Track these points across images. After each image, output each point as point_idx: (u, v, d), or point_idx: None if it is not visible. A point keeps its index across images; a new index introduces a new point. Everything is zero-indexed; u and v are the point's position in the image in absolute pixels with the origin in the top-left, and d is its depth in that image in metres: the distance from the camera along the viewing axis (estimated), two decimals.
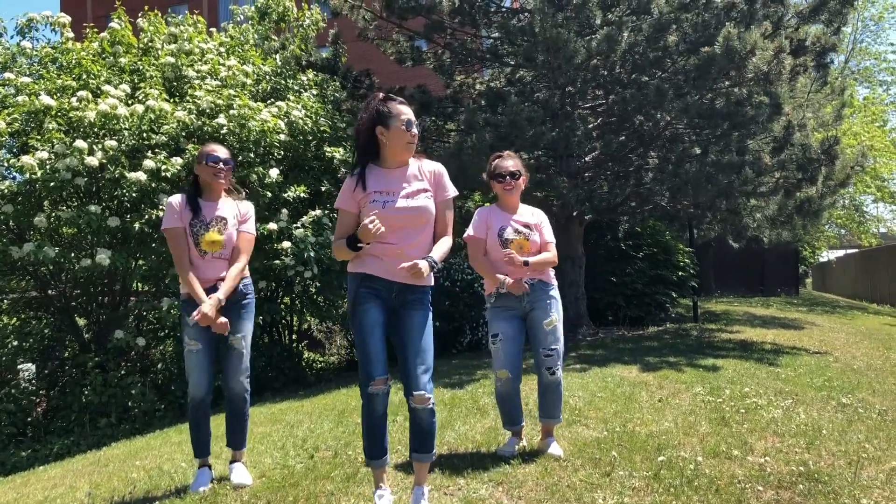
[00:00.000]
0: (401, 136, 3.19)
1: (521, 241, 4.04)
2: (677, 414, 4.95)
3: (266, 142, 8.33)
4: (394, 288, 3.19)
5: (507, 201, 4.16)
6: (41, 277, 8.50)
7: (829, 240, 29.69)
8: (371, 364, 3.14)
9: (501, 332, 4.05)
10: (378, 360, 3.15)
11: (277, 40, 10.92)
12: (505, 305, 4.07)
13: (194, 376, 3.81)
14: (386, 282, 3.18)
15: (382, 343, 3.19)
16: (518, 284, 3.96)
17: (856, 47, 28.89)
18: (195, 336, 3.80)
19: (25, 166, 7.06)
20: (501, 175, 4.11)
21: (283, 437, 5.06)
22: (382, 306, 3.20)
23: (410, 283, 3.19)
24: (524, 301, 4.06)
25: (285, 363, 9.51)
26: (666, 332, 10.32)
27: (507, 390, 4.09)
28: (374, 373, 3.13)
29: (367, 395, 3.16)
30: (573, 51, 8.34)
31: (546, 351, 4.05)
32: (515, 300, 4.05)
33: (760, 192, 9.72)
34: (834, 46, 9.57)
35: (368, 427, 3.23)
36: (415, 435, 3.23)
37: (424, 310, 3.25)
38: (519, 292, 3.97)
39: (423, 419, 3.18)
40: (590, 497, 3.35)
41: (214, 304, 3.69)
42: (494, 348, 4.07)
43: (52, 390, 8.34)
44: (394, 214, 3.13)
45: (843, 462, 3.82)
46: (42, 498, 4.30)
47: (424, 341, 3.19)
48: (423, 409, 3.15)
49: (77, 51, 8.89)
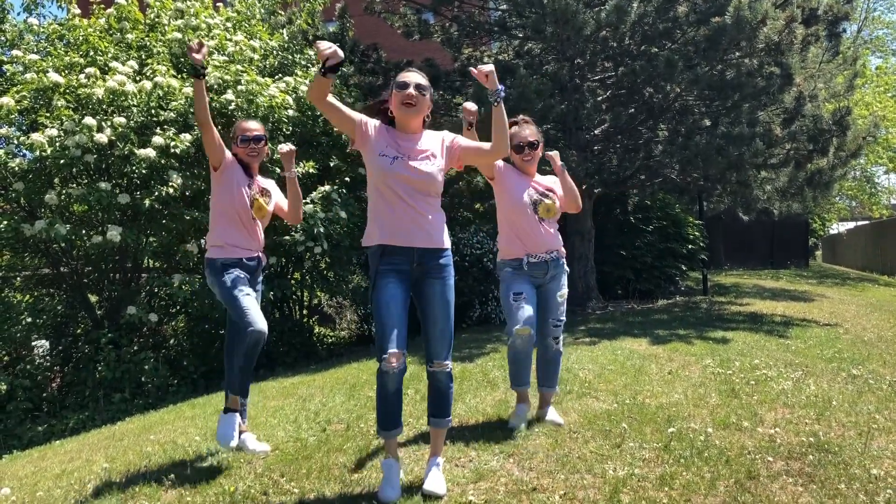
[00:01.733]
0: (395, 97, 3.22)
1: (549, 204, 4.06)
2: (687, 386, 4.97)
3: (274, 117, 8.31)
4: (413, 256, 3.19)
5: (526, 171, 4.14)
6: (53, 255, 8.55)
7: (839, 211, 29.57)
8: (385, 339, 3.14)
9: (525, 290, 4.00)
10: (392, 335, 3.13)
11: (284, 15, 10.84)
12: (531, 273, 4.06)
13: (254, 314, 3.77)
14: (404, 250, 3.18)
15: (399, 318, 3.17)
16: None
17: (868, 16, 28.53)
18: (246, 285, 3.89)
19: (35, 144, 7.08)
20: (520, 146, 4.07)
21: (296, 411, 5.11)
22: (402, 281, 3.21)
23: (430, 248, 3.21)
24: (548, 273, 4.09)
25: (296, 338, 9.56)
26: (675, 305, 10.33)
27: (524, 347, 4.03)
28: (387, 346, 3.12)
29: (380, 371, 3.17)
30: (582, 22, 8.27)
31: (555, 321, 4.11)
32: (541, 270, 4.07)
33: (771, 164, 9.67)
34: (846, 15, 9.47)
35: (382, 401, 3.26)
36: (432, 399, 3.32)
37: (447, 277, 3.28)
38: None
39: (442, 381, 3.28)
40: (600, 468, 3.38)
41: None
42: (516, 305, 3.97)
43: (66, 366, 8.42)
44: (402, 173, 3.14)
45: (854, 433, 3.83)
46: (60, 471, 4.36)
47: (448, 312, 3.27)
48: (441, 371, 3.26)
49: (84, 27, 8.86)
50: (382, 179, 3.16)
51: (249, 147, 4.05)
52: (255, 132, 4.08)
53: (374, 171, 3.18)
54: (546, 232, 4.07)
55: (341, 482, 3.42)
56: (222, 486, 3.47)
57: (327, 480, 3.46)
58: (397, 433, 3.31)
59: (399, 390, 3.26)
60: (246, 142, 4.04)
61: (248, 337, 3.74)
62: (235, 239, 3.98)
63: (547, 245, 4.06)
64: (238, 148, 4.06)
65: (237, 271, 3.91)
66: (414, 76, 3.23)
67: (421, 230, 3.18)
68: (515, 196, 4.04)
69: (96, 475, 4.02)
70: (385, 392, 3.22)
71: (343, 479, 3.46)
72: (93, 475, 4.04)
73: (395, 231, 3.17)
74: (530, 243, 4.05)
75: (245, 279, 3.93)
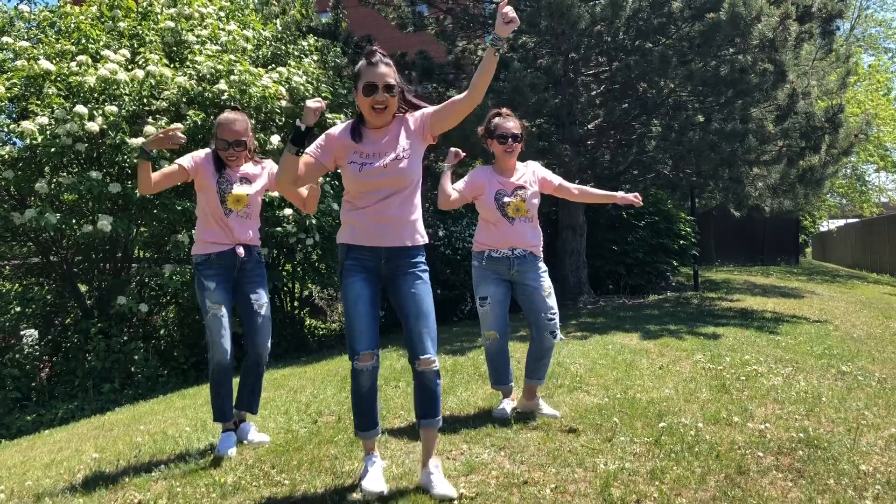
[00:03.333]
0: (363, 102, 3.09)
1: (517, 203, 4.11)
2: (678, 381, 4.99)
3: (267, 108, 8.27)
4: (381, 255, 3.13)
5: (506, 163, 4.17)
6: (43, 244, 8.50)
7: (830, 209, 29.67)
8: (354, 339, 3.10)
9: (490, 295, 4.14)
10: (361, 335, 3.10)
11: (278, 5, 10.79)
12: (493, 269, 4.15)
13: (221, 341, 3.80)
14: (370, 249, 3.12)
15: (369, 317, 3.13)
16: None
17: (862, 14, 28.59)
18: (219, 300, 3.84)
19: (26, 132, 7.02)
20: (504, 136, 4.09)
21: (287, 403, 5.10)
22: (370, 278, 3.15)
23: (398, 246, 3.13)
24: (512, 269, 4.13)
25: (287, 330, 9.55)
26: (666, 300, 10.35)
27: (496, 349, 4.21)
28: (358, 347, 3.09)
29: (353, 370, 3.14)
30: (577, 16, 8.26)
31: (548, 315, 4.11)
32: (503, 266, 4.13)
33: (763, 161, 9.69)
34: (840, 13, 9.49)
35: (356, 401, 3.21)
36: (420, 399, 3.17)
37: (420, 273, 3.17)
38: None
39: (429, 380, 3.12)
40: (591, 462, 3.39)
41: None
42: (483, 311, 4.16)
43: (55, 356, 8.38)
44: (369, 179, 3.07)
45: (843, 429, 3.85)
46: (49, 461, 4.34)
47: (424, 306, 3.13)
48: (428, 370, 3.10)
49: (76, 15, 8.78)
50: (353, 185, 3.12)
51: (228, 153, 3.91)
52: (235, 136, 3.88)
53: (346, 177, 3.14)
54: (514, 230, 4.11)
55: (332, 474, 3.42)
56: (213, 476, 3.46)
57: (318, 472, 3.46)
58: (375, 434, 3.26)
59: (373, 389, 3.20)
60: (226, 147, 3.89)
61: (209, 364, 3.83)
62: (209, 235, 3.93)
63: (512, 242, 4.11)
64: (217, 149, 3.93)
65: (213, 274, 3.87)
66: (381, 73, 3.03)
67: (390, 230, 3.11)
68: (487, 198, 4.13)
69: (86, 465, 4.00)
70: (359, 391, 3.17)
71: (334, 471, 3.45)
72: (82, 465, 4.02)
73: (362, 232, 3.12)
74: (495, 239, 4.14)
75: (222, 278, 3.88)
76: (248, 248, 4.00)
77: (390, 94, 3.05)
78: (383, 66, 3.04)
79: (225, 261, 3.92)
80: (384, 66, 3.04)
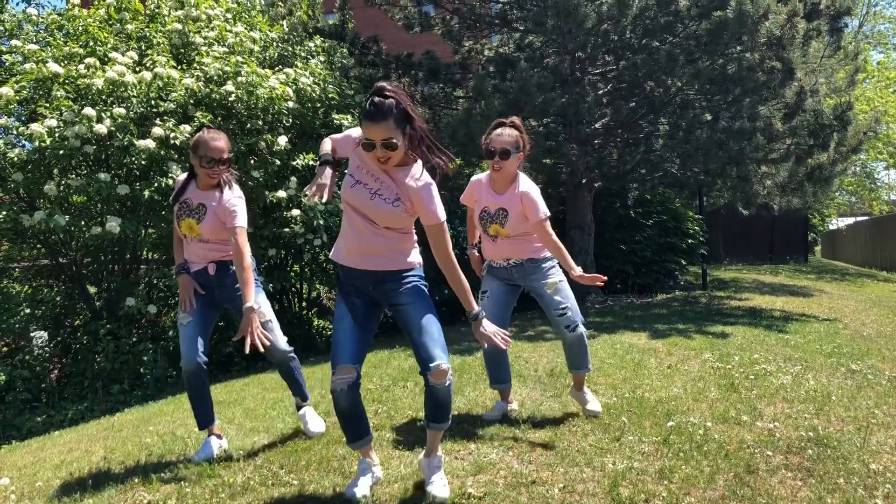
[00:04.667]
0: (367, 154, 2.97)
1: (496, 227, 4.04)
2: (686, 380, 4.98)
3: (274, 109, 8.28)
4: (367, 279, 3.09)
5: (495, 179, 4.07)
6: (52, 245, 8.53)
7: (839, 207, 29.55)
8: (336, 352, 3.08)
9: (490, 290, 4.19)
10: (342, 349, 3.06)
11: (284, 6, 10.81)
12: (495, 275, 4.23)
13: (183, 348, 3.82)
14: (357, 272, 3.09)
15: (352, 331, 3.09)
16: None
17: (870, 11, 28.46)
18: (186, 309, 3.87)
19: (35, 134, 7.05)
20: (490, 152, 3.97)
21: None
22: (360, 295, 3.14)
23: (381, 271, 3.06)
24: (513, 276, 4.16)
25: (295, 330, 9.55)
26: (675, 299, 10.33)
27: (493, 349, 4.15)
28: (339, 360, 3.06)
29: (332, 390, 3.08)
30: (583, 15, 8.24)
31: (558, 311, 4.06)
32: (504, 274, 4.17)
33: (771, 159, 9.66)
34: (848, 10, 9.43)
35: (340, 419, 3.16)
36: (433, 407, 3.07)
37: (414, 293, 3.08)
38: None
39: (440, 394, 3.02)
40: (600, 461, 3.38)
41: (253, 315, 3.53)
42: (482, 304, 4.14)
43: (64, 357, 8.41)
44: (358, 203, 3.00)
45: (853, 428, 3.84)
46: (59, 461, 4.36)
47: (426, 321, 3.02)
48: (439, 385, 2.98)
49: (84, 17, 8.82)
50: (345, 198, 3.07)
51: (210, 171, 3.74)
52: (219, 154, 3.74)
53: (342, 186, 3.10)
54: (499, 246, 4.11)
55: (340, 474, 3.42)
56: (222, 477, 3.47)
57: (326, 472, 3.46)
58: (367, 442, 3.23)
59: (354, 406, 3.11)
60: (211, 164, 3.72)
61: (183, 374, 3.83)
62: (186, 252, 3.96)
63: (503, 255, 4.14)
64: (199, 166, 3.75)
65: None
66: (379, 129, 2.82)
67: (378, 255, 3.05)
68: (477, 215, 4.17)
69: (95, 466, 4.02)
70: (339, 410, 3.11)
71: (342, 471, 3.46)
72: (92, 466, 4.04)
73: (351, 253, 3.09)
74: (488, 253, 4.21)
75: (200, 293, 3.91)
76: (223, 263, 3.90)
77: (390, 150, 2.87)
78: (382, 121, 2.81)
79: (201, 279, 3.92)
80: (383, 120, 2.81)
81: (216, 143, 3.75)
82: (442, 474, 3.12)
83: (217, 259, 3.89)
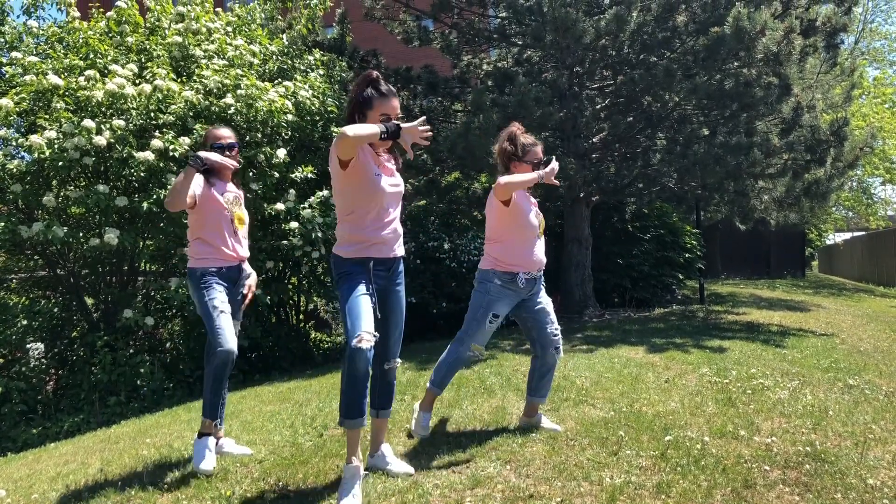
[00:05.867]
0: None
1: (542, 221, 4.17)
2: (684, 394, 4.98)
3: (273, 122, 8.31)
4: (392, 265, 3.41)
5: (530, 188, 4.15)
6: (50, 257, 8.53)
7: (836, 222, 29.63)
8: (356, 322, 3.12)
9: (502, 314, 4.08)
10: (365, 316, 3.16)
11: (284, 20, 10.86)
12: (516, 291, 4.05)
13: (225, 334, 3.76)
14: (387, 261, 3.36)
15: (370, 306, 3.23)
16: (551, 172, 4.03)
17: (866, 27, 28.64)
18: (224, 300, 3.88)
19: (34, 146, 7.07)
20: (537, 164, 4.04)
21: (292, 416, 5.10)
22: (366, 282, 3.29)
23: (388, 258, 3.38)
24: (534, 288, 4.11)
25: (292, 343, 9.54)
26: (672, 313, 10.33)
27: (470, 360, 4.28)
28: (361, 326, 3.11)
29: (352, 349, 3.08)
30: (582, 30, 8.30)
31: (555, 331, 4.11)
32: (530, 287, 4.07)
33: (768, 174, 9.70)
34: (844, 27, 9.49)
35: (350, 384, 3.15)
36: (383, 393, 3.52)
37: (401, 285, 3.50)
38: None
39: (392, 379, 3.55)
40: (597, 476, 3.38)
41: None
42: (490, 327, 4.06)
43: (61, 369, 8.39)
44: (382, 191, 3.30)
45: (850, 443, 3.84)
46: (55, 474, 4.35)
47: (403, 314, 3.52)
48: (393, 370, 3.53)
49: (84, 30, 8.86)
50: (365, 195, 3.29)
51: (229, 155, 4.00)
52: (229, 139, 4.02)
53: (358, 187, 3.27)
54: (541, 249, 4.12)
55: (337, 487, 3.41)
56: (219, 490, 3.46)
57: (324, 485, 3.46)
58: (361, 423, 3.24)
59: (368, 372, 3.17)
60: (220, 149, 3.97)
61: (217, 357, 3.78)
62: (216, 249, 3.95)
63: (541, 263, 4.11)
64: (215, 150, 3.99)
65: (215, 281, 3.90)
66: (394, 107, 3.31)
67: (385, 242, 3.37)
68: (528, 218, 4.03)
69: (92, 478, 4.01)
70: (355, 373, 3.11)
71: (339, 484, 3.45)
72: (88, 478, 4.02)
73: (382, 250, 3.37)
74: (530, 261, 4.04)
75: (224, 290, 3.92)
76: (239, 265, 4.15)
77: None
78: (395, 100, 3.31)
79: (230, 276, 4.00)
80: (395, 98, 3.31)
81: (219, 129, 4.10)
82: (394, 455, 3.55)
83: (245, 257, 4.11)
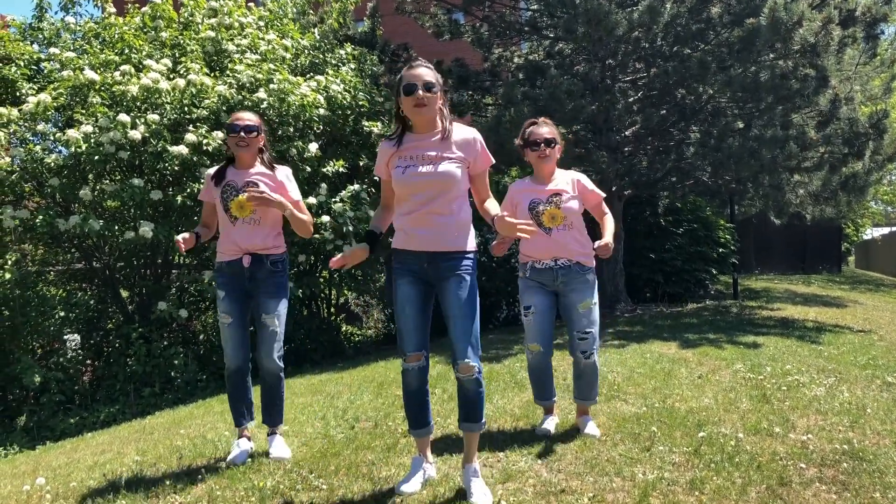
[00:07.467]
0: (405, 103, 3.13)
1: (552, 210, 3.91)
2: (717, 391, 4.92)
3: (305, 116, 8.36)
4: (423, 259, 3.16)
5: (541, 170, 4.01)
6: (86, 250, 8.67)
7: (873, 216, 29.08)
8: (403, 340, 3.23)
9: (534, 304, 3.97)
10: (409, 335, 3.20)
11: (315, 14, 10.90)
12: (538, 280, 4.00)
13: (228, 348, 3.93)
14: (412, 254, 3.18)
15: (416, 319, 3.20)
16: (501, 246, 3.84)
17: None
18: (226, 309, 3.89)
19: (71, 140, 7.19)
20: (535, 143, 3.95)
21: (324, 408, 5.13)
22: (416, 281, 3.21)
23: (439, 251, 3.14)
24: (557, 280, 3.95)
25: (324, 336, 9.61)
26: (705, 309, 10.22)
27: (538, 363, 4.05)
28: (406, 348, 3.22)
29: (402, 370, 3.27)
30: (614, 22, 8.21)
31: (580, 334, 3.93)
32: (548, 277, 3.96)
33: (804, 168, 9.53)
34: (885, 17, 9.27)
35: (406, 400, 3.33)
36: (462, 404, 3.20)
37: (463, 277, 3.14)
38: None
39: (469, 389, 3.14)
40: (629, 471, 3.35)
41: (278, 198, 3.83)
42: (527, 321, 4.02)
43: (97, 360, 8.55)
44: (412, 181, 3.11)
45: (889, 441, 3.76)
46: (92, 463, 4.42)
47: (465, 311, 3.12)
48: (467, 378, 3.11)
49: (119, 25, 8.98)
50: (398, 188, 3.18)
51: (238, 136, 3.86)
52: (246, 122, 3.89)
53: (393, 182, 3.20)
54: (553, 240, 3.92)
55: (370, 479, 3.43)
56: (252, 481, 3.50)
57: (356, 477, 3.48)
58: (427, 432, 3.36)
59: (422, 388, 3.28)
60: (234, 131, 3.86)
61: (226, 370, 3.96)
62: (221, 244, 3.96)
63: (553, 252, 3.93)
64: (228, 138, 3.93)
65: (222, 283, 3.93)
66: (420, 74, 3.11)
67: (432, 234, 3.14)
68: (521, 209, 3.98)
69: (128, 468, 4.07)
70: (408, 390, 3.29)
71: (371, 477, 3.47)
72: (124, 468, 4.09)
73: (406, 236, 3.20)
74: (534, 250, 3.98)
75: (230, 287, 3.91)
76: (259, 256, 3.90)
77: (430, 92, 3.09)
78: (422, 68, 3.14)
79: (233, 270, 3.91)
80: (423, 68, 3.14)
81: (240, 114, 4.01)
82: (481, 482, 3.16)
83: (256, 249, 3.88)
